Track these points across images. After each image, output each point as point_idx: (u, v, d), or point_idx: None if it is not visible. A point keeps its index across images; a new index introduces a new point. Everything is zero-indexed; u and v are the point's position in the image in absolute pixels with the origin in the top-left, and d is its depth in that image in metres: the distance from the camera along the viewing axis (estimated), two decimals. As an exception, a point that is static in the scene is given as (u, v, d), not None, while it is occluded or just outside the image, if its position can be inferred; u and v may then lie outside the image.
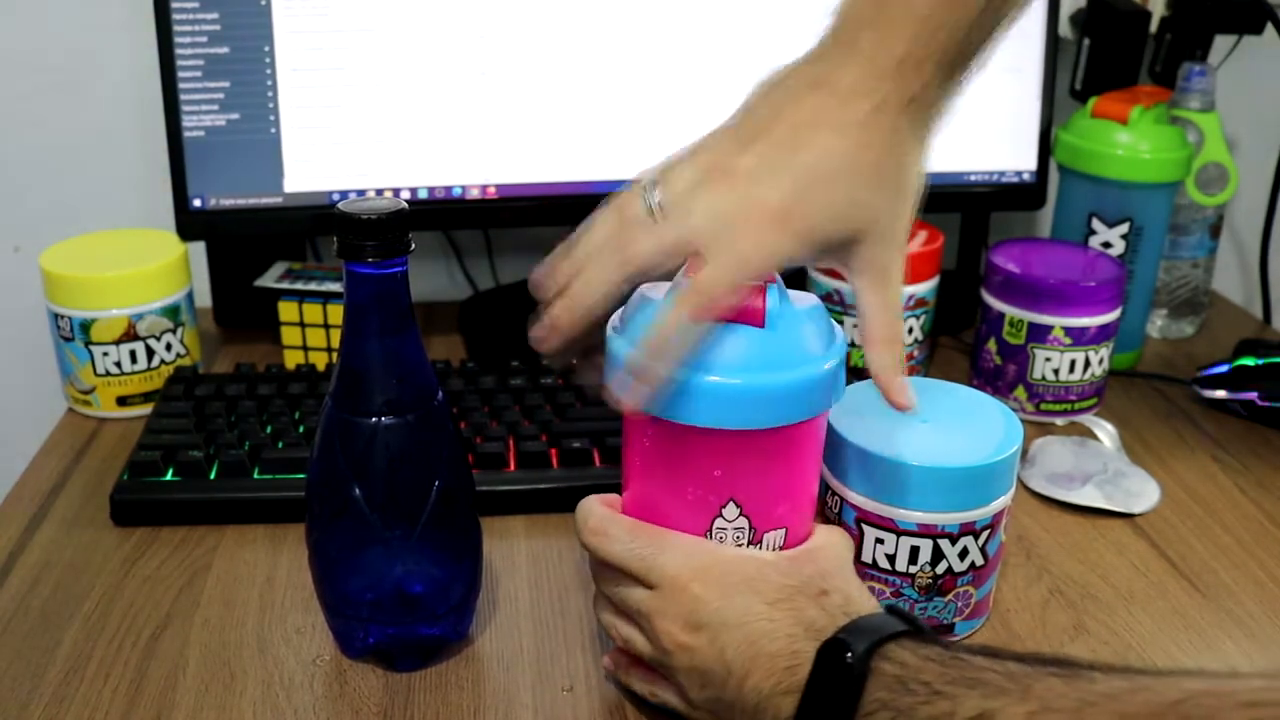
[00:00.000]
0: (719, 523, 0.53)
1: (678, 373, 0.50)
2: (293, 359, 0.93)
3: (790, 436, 0.52)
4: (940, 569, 0.61)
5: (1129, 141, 0.92)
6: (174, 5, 0.83)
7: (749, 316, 0.51)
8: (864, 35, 0.54)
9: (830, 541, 0.57)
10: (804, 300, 0.54)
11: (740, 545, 0.54)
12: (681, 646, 0.52)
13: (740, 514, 0.53)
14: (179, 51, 0.84)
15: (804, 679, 0.47)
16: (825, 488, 0.63)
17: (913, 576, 0.61)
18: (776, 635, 0.49)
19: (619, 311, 0.56)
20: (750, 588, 0.52)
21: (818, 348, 0.52)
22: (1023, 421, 0.65)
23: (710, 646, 0.51)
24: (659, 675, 0.56)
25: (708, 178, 0.54)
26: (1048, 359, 0.86)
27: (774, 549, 0.55)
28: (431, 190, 0.90)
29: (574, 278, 0.56)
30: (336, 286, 0.92)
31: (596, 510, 0.56)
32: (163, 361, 0.87)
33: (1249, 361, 0.90)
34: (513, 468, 0.76)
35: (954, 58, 0.54)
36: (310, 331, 0.92)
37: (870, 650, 0.46)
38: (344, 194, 0.89)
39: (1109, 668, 0.43)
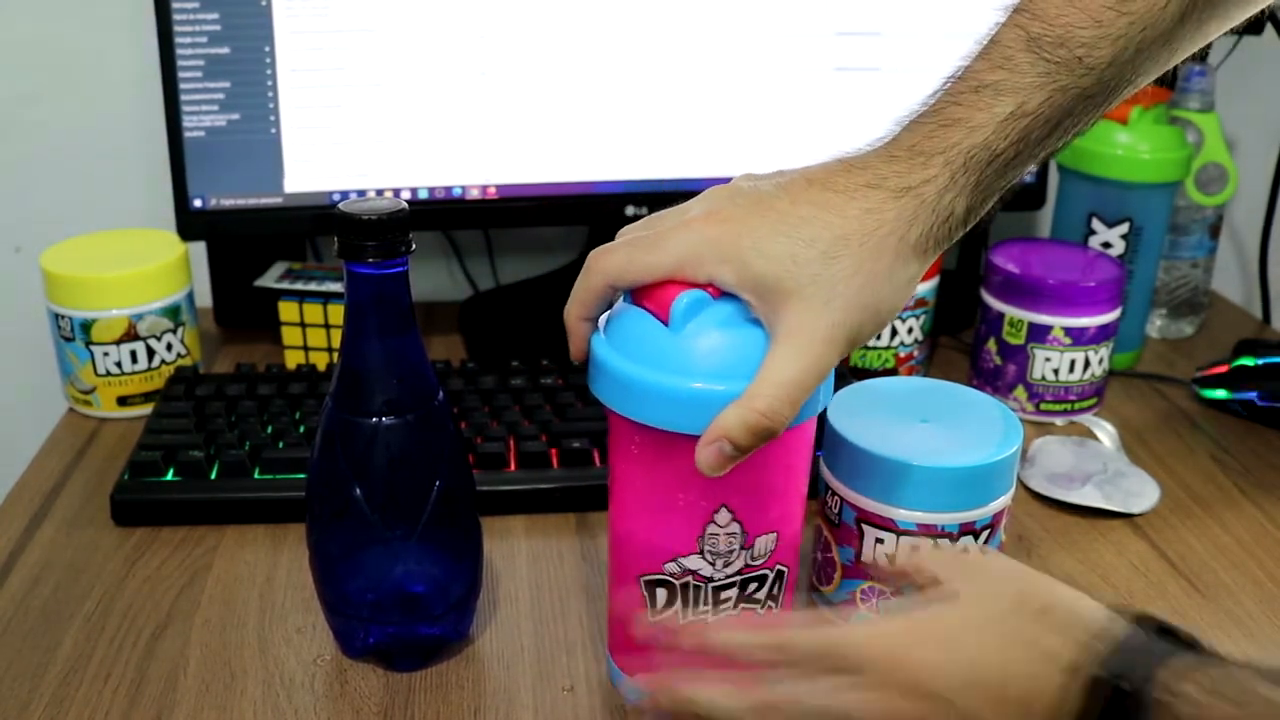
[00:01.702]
0: (711, 528, 0.53)
1: (669, 381, 0.51)
2: (293, 359, 0.93)
3: (781, 440, 0.52)
4: (940, 569, 0.61)
5: (1129, 141, 0.92)
6: (174, 5, 0.83)
7: (658, 306, 0.52)
8: (897, 131, 0.54)
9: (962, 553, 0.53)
10: None
11: (732, 550, 0.54)
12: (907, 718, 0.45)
13: (732, 519, 0.53)
14: (179, 52, 0.84)
15: (1074, 716, 0.42)
16: (825, 488, 0.63)
17: (913, 576, 0.61)
18: (1019, 675, 0.44)
19: (605, 316, 0.56)
20: (970, 629, 0.46)
21: None
22: (1022, 421, 0.65)
23: (954, 713, 0.44)
24: None
25: (694, 217, 0.53)
26: (1047, 359, 0.86)
27: (766, 552, 0.55)
28: (431, 190, 0.90)
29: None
30: (337, 286, 0.92)
31: (743, 623, 0.51)
32: (163, 361, 0.87)
33: (1248, 361, 0.90)
34: (513, 468, 0.76)
35: (968, 161, 0.52)
36: (311, 331, 0.92)
37: (1145, 680, 0.41)
38: (344, 194, 0.89)
39: None
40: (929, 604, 0.48)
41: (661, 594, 0.55)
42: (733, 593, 0.55)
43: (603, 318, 0.56)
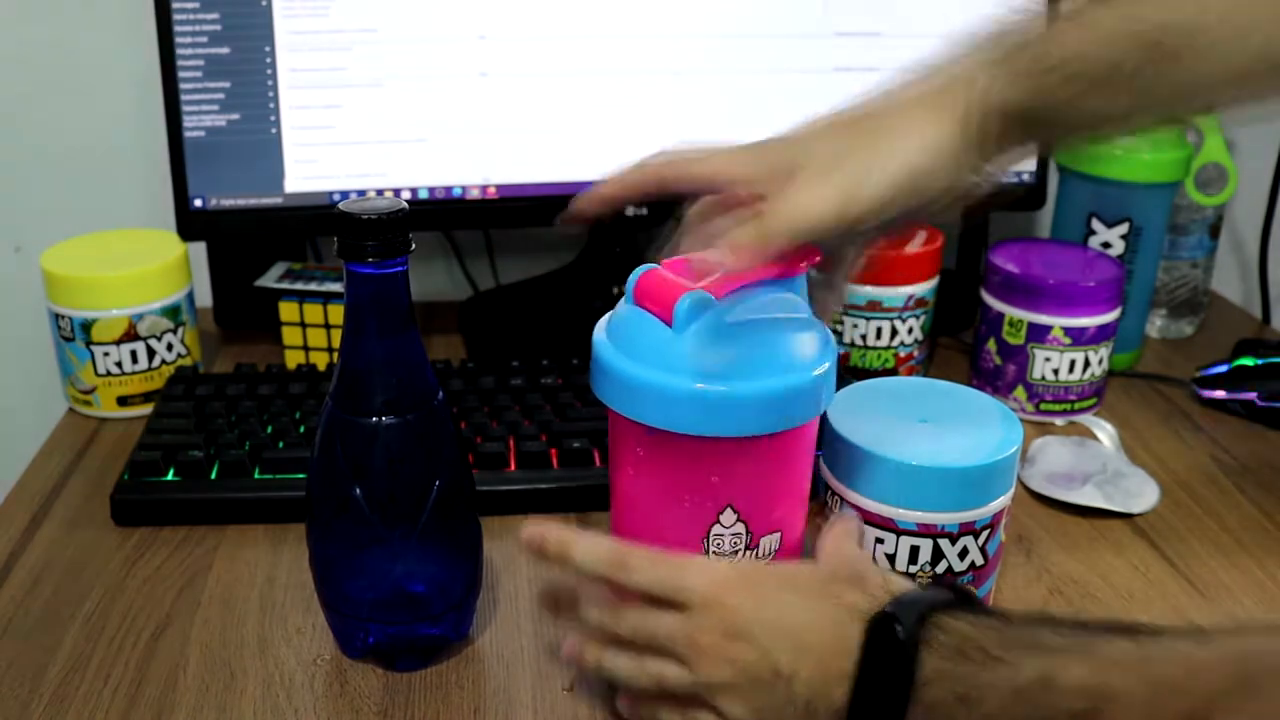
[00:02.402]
0: (716, 529, 0.53)
1: (672, 382, 0.51)
2: (293, 359, 0.93)
3: (787, 440, 0.52)
4: (940, 569, 0.61)
5: (1128, 142, 0.92)
6: (174, 5, 0.83)
7: (660, 307, 0.52)
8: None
9: (844, 536, 0.56)
10: (788, 306, 0.54)
11: (738, 551, 0.54)
12: (725, 660, 0.50)
13: (737, 519, 0.53)
14: (179, 52, 0.84)
15: (855, 662, 0.47)
16: (825, 488, 0.63)
17: (913, 576, 0.61)
18: (821, 626, 0.49)
19: (606, 318, 0.56)
20: (786, 586, 0.51)
21: (809, 352, 0.52)
22: (1022, 421, 0.65)
23: (754, 652, 0.50)
24: (693, 703, 0.53)
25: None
26: (1047, 359, 0.86)
27: (770, 552, 0.55)
28: (431, 190, 0.90)
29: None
30: (337, 286, 0.92)
31: (603, 544, 0.54)
32: (163, 361, 0.87)
33: (1248, 361, 0.90)
34: (513, 468, 0.76)
35: (1009, 53, 0.53)
36: (311, 331, 0.92)
37: (920, 621, 0.46)
38: (344, 194, 0.89)
39: (1172, 629, 0.43)
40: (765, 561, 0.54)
41: None
42: None
43: (604, 319, 0.56)
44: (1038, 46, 0.54)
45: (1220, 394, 0.90)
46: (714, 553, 0.54)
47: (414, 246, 0.55)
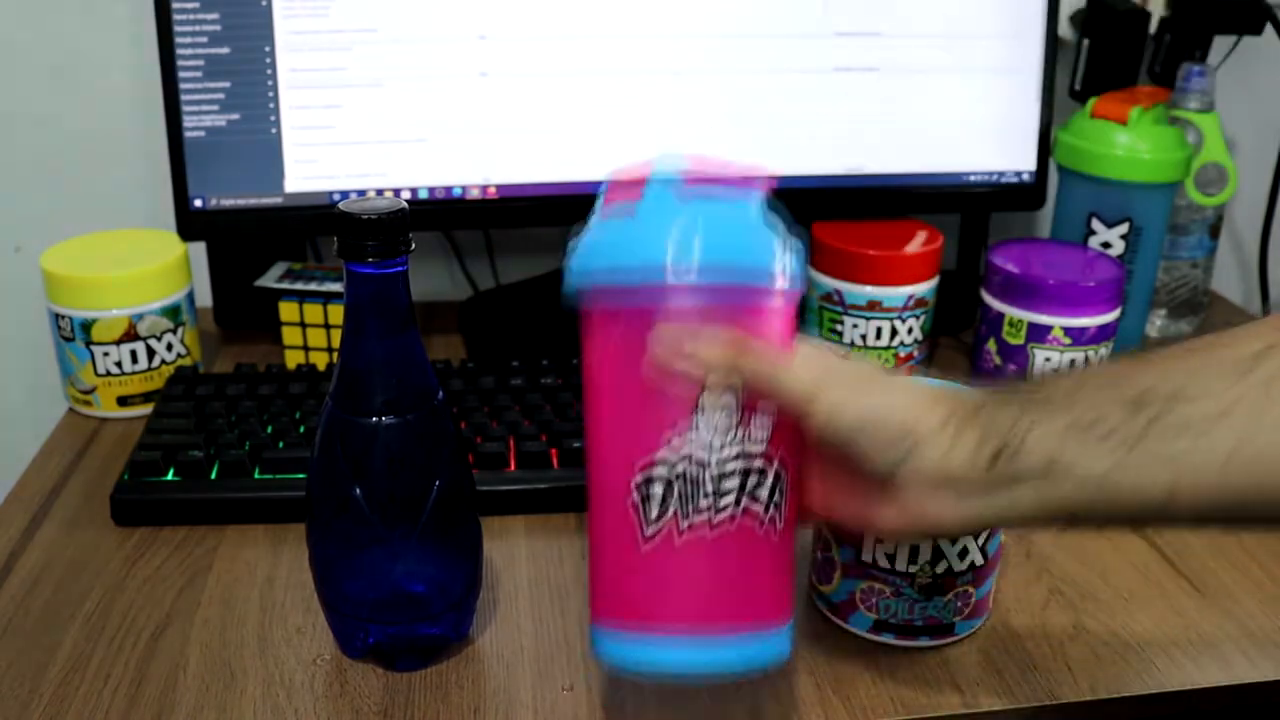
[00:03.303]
0: (707, 398, 0.51)
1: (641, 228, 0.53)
2: (293, 359, 0.93)
3: (767, 314, 0.53)
4: (940, 568, 0.61)
5: (1128, 142, 0.92)
6: (174, 5, 0.83)
7: (631, 192, 0.54)
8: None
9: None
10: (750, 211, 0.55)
11: (730, 425, 0.52)
12: None
13: (726, 390, 0.52)
14: (179, 52, 0.84)
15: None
16: (825, 487, 0.63)
17: (912, 576, 0.61)
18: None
19: (571, 243, 0.57)
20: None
21: (770, 238, 0.53)
22: (1022, 421, 0.65)
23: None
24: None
25: None
26: (1047, 359, 0.86)
27: (763, 437, 0.52)
28: (431, 190, 0.90)
29: None
30: (337, 286, 0.92)
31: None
32: (163, 361, 0.87)
33: (1248, 361, 0.90)
34: (513, 468, 0.76)
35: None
36: (311, 331, 0.92)
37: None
38: (344, 194, 0.89)
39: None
40: None
41: (657, 491, 0.52)
42: (734, 483, 0.52)
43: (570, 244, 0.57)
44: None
45: (1220, 394, 0.90)
46: (704, 426, 0.52)
47: (414, 246, 0.55)
